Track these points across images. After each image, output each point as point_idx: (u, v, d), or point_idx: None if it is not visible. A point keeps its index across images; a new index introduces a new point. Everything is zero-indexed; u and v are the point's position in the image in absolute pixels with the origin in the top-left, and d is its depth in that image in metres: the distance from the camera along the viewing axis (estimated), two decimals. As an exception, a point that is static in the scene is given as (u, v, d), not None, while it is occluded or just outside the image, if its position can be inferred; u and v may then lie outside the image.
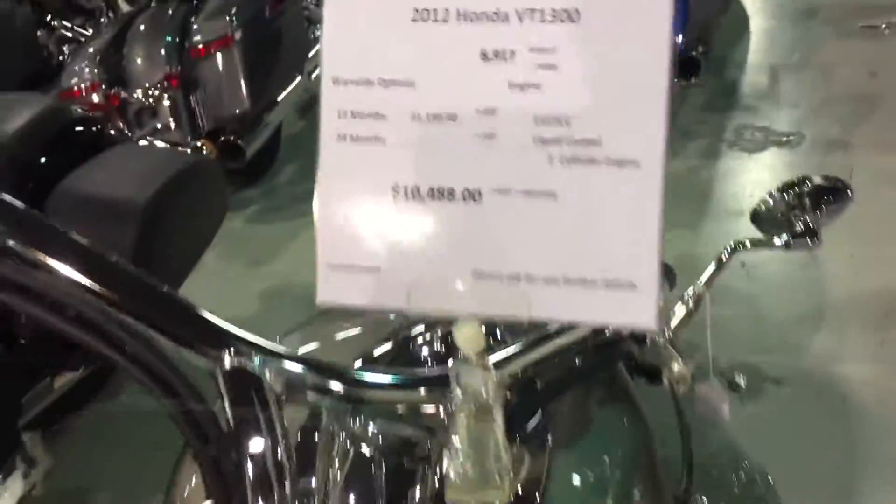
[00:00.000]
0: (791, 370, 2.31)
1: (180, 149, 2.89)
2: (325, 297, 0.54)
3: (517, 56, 0.52)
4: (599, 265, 0.51)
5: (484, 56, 0.52)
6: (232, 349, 0.64)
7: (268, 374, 0.64)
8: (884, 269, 2.57)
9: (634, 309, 0.50)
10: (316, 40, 3.91)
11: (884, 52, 3.87)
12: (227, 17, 3.12)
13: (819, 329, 2.48)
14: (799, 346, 2.42)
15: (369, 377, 0.67)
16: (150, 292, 0.64)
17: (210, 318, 0.67)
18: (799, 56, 3.98)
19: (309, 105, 4.09)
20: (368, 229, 0.54)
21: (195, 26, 3.15)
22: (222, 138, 3.13)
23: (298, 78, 3.60)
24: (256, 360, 0.64)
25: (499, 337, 0.85)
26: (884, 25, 3.94)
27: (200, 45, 3.10)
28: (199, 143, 2.97)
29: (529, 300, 0.52)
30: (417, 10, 0.53)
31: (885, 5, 3.99)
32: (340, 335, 1.29)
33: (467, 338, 0.53)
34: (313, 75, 3.73)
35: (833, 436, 2.11)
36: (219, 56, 3.13)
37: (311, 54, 3.73)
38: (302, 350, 1.21)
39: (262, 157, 3.49)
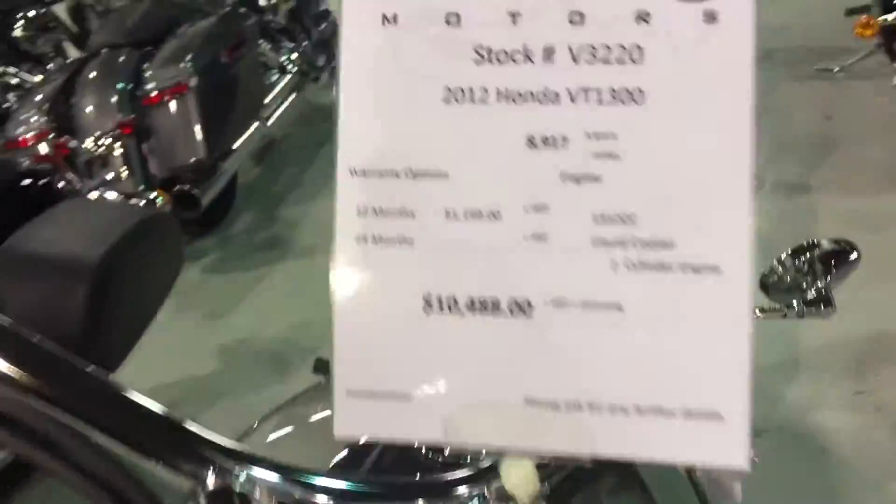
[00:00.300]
0: (769, 421, 2.26)
1: (133, 201, 2.78)
2: (345, 431, 0.45)
3: (571, 143, 0.44)
4: (677, 391, 0.43)
5: (531, 143, 0.44)
6: (216, 465, 0.54)
7: (257, 493, 0.54)
8: (857, 314, 2.54)
9: (720, 444, 0.42)
10: (272, 86, 3.83)
11: (838, 95, 3.91)
12: (182, 64, 3.03)
13: (795, 378, 2.44)
14: (776, 395, 2.38)
15: (378, 488, 0.58)
16: (112, 395, 0.54)
17: (188, 427, 0.57)
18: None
19: (265, 151, 3.99)
20: (396, 349, 0.45)
21: (148, 73, 3.06)
22: (177, 188, 3.03)
23: (255, 124, 3.52)
24: (243, 475, 0.54)
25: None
26: (837, 69, 3.98)
27: (154, 93, 3.00)
28: (152, 195, 2.85)
29: (593, 434, 0.43)
30: (450, 90, 0.45)
31: (837, 48, 4.04)
32: (320, 417, 1.19)
33: (518, 482, 0.44)
34: (270, 121, 3.65)
35: (813, 489, 2.07)
36: (173, 103, 3.04)
37: (267, 100, 3.66)
38: (281, 442, 1.10)
39: (217, 205, 3.39)
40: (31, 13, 3.86)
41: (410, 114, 0.45)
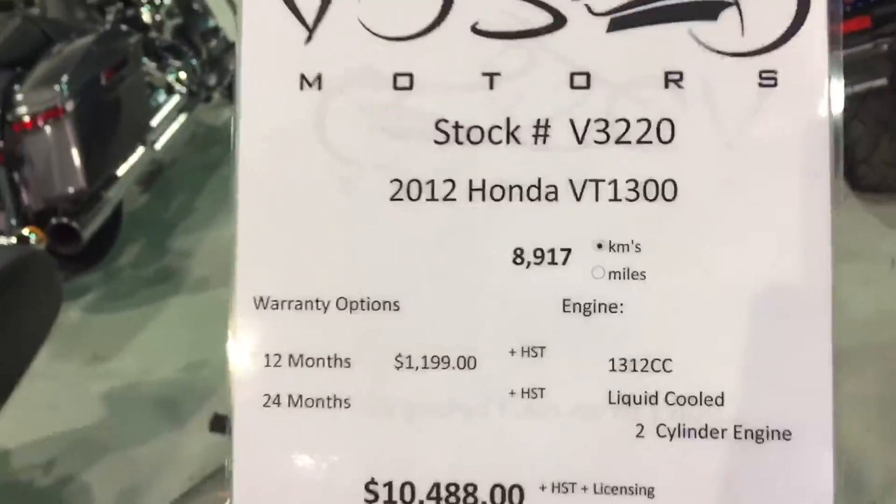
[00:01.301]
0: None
1: (3, 239, 2.52)
2: None
3: (575, 258, 0.30)
4: None
5: (519, 258, 0.31)
6: None
7: None
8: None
9: None
10: (159, 107, 3.61)
11: None
12: (57, 86, 2.79)
13: None
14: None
15: None
16: None
17: None
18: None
19: (153, 177, 3.76)
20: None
21: (19, 96, 2.80)
22: (54, 221, 2.78)
23: (141, 149, 3.29)
24: None
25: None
26: None
27: (26, 118, 2.75)
28: (25, 231, 2.60)
29: None
30: (401, 183, 0.31)
31: None
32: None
33: None
34: (157, 145, 3.44)
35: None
36: (48, 129, 2.79)
37: (153, 122, 3.44)
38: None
39: (101, 238, 3.14)
40: None
41: (343, 218, 0.31)
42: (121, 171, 3.09)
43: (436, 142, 0.31)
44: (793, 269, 0.30)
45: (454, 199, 0.31)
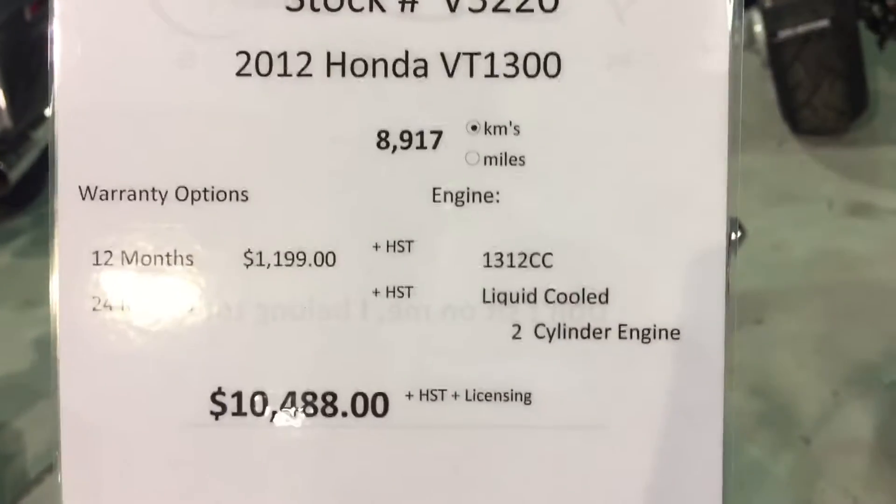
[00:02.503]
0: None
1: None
2: None
3: (447, 140, 0.27)
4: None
5: (383, 141, 0.27)
6: None
7: None
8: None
9: None
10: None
11: None
12: (-24, 19, 2.65)
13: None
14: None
15: None
16: None
17: None
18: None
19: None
20: (162, 476, 0.27)
21: (-64, 30, 2.66)
22: (-23, 162, 2.66)
23: (71, 88, 3.16)
24: None
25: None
26: None
27: (-56, 54, 2.61)
28: (-54, 172, 2.49)
29: None
30: (248, 56, 0.27)
31: None
32: None
33: None
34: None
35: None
36: (-32, 66, 2.65)
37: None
38: None
39: (30, 179, 3.03)
40: None
41: (182, 96, 0.27)
42: (49, 110, 2.97)
43: (288, 8, 0.27)
44: (685, 156, 0.27)
45: (310, 75, 0.27)
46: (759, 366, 1.59)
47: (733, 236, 0.27)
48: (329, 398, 0.27)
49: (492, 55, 0.27)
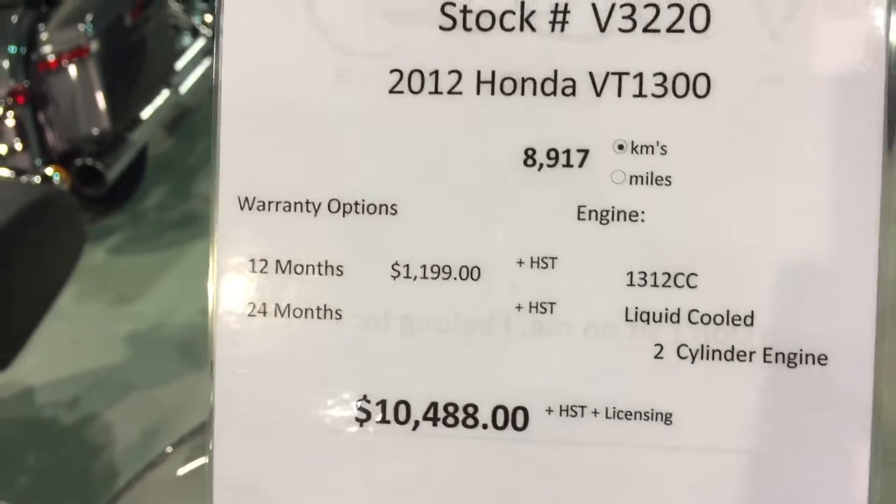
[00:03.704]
0: None
1: (25, 178, 2.52)
2: None
3: (594, 159, 0.27)
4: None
5: (530, 159, 0.28)
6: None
7: None
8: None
9: None
10: (184, 50, 3.58)
11: None
12: (82, 25, 2.76)
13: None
14: None
15: None
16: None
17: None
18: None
19: (178, 120, 3.75)
20: (312, 484, 0.28)
21: (44, 35, 2.78)
22: (78, 162, 2.77)
23: (166, 91, 3.27)
24: None
25: None
26: None
27: (51, 57, 2.73)
28: (49, 170, 2.60)
29: None
30: (402, 73, 0.28)
31: None
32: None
33: None
34: (182, 88, 3.41)
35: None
36: (72, 69, 2.78)
37: (178, 65, 3.41)
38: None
39: (125, 180, 3.14)
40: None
41: (337, 111, 0.28)
42: (145, 113, 3.06)
43: (441, 27, 0.28)
44: (836, 179, 0.27)
45: (460, 93, 0.28)
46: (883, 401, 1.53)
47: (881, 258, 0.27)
48: (470, 410, 0.28)
49: (640, 75, 0.27)
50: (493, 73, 0.28)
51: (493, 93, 0.28)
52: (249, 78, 0.28)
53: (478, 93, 0.28)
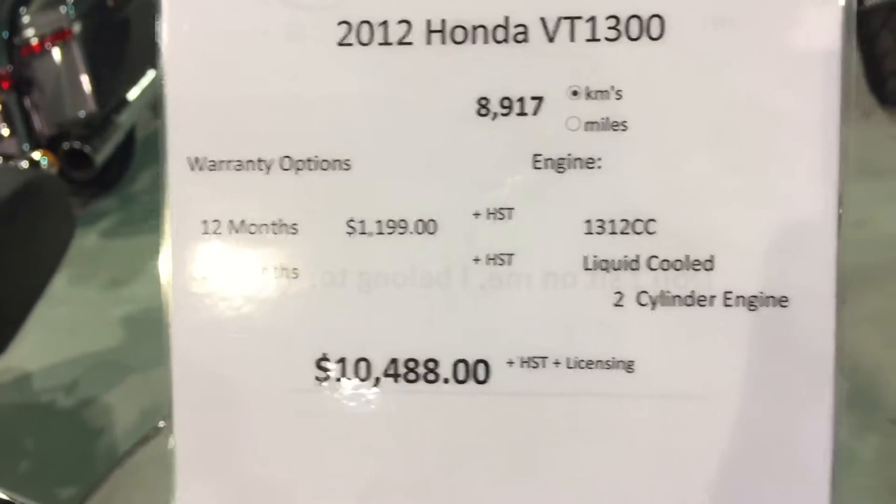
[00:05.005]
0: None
1: (13, 163, 2.51)
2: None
3: (548, 106, 0.27)
4: (726, 496, 0.27)
5: (484, 108, 0.27)
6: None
7: None
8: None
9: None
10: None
11: None
12: (63, 7, 2.73)
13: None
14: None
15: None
16: None
17: None
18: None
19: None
20: (269, 438, 0.28)
21: (25, 19, 2.75)
22: (66, 146, 2.76)
23: (152, 72, 3.24)
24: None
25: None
26: None
27: (34, 41, 2.70)
28: (37, 155, 2.59)
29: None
30: (350, 25, 0.27)
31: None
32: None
33: None
34: (169, 69, 3.37)
35: None
36: (56, 52, 2.75)
37: (165, 46, 3.37)
38: None
39: (115, 163, 3.13)
40: None
41: (285, 66, 0.27)
42: (132, 94, 3.04)
43: (388, -23, 0.27)
44: (795, 122, 0.26)
45: (410, 43, 0.27)
46: (844, 345, 1.54)
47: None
48: (431, 365, 0.28)
49: (593, 18, 0.27)
50: (444, 21, 0.27)
51: (443, 42, 0.27)
52: (195, 36, 0.27)
53: (428, 42, 0.27)
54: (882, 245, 1.74)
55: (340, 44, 0.27)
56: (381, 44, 0.27)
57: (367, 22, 0.27)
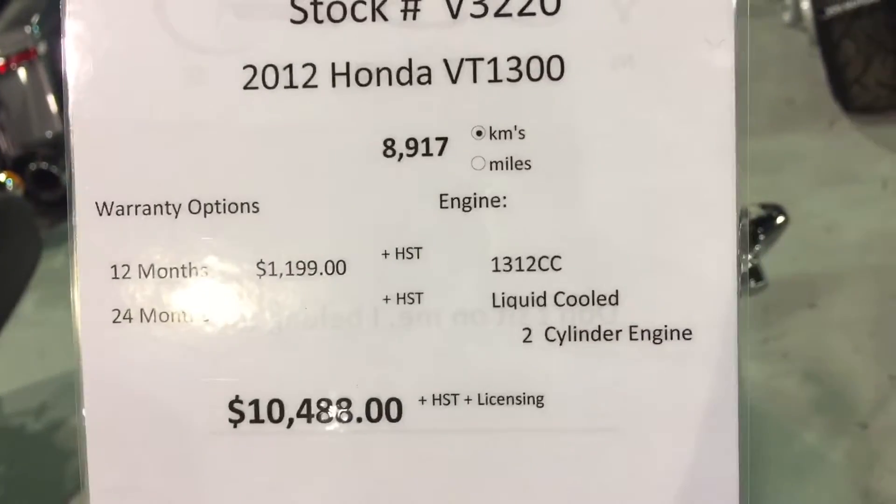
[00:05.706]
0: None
1: (-23, 186, 2.48)
2: None
3: (453, 146, 0.27)
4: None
5: (389, 149, 0.27)
6: None
7: None
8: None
9: None
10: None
11: None
12: (28, 28, 2.71)
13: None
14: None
15: None
16: None
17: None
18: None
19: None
20: (184, 480, 0.28)
21: (-11, 38, 2.72)
22: (32, 167, 2.73)
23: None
24: None
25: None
26: None
27: (-2, 60, 2.68)
28: (1, 177, 2.56)
29: None
30: (255, 69, 0.27)
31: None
32: None
33: None
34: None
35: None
36: (21, 72, 2.73)
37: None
38: None
39: (83, 183, 3.09)
40: None
41: (192, 110, 0.27)
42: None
43: (292, 21, 0.27)
44: (692, 153, 0.27)
45: (315, 86, 0.27)
46: (813, 350, 1.56)
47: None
48: (344, 404, 0.28)
49: (495, 60, 0.27)
50: (348, 64, 0.27)
51: (348, 84, 0.27)
52: (99, 80, 0.28)
53: (333, 85, 0.27)
54: (850, 250, 1.76)
55: (246, 87, 0.28)
56: (286, 87, 0.27)
57: (272, 65, 0.27)
